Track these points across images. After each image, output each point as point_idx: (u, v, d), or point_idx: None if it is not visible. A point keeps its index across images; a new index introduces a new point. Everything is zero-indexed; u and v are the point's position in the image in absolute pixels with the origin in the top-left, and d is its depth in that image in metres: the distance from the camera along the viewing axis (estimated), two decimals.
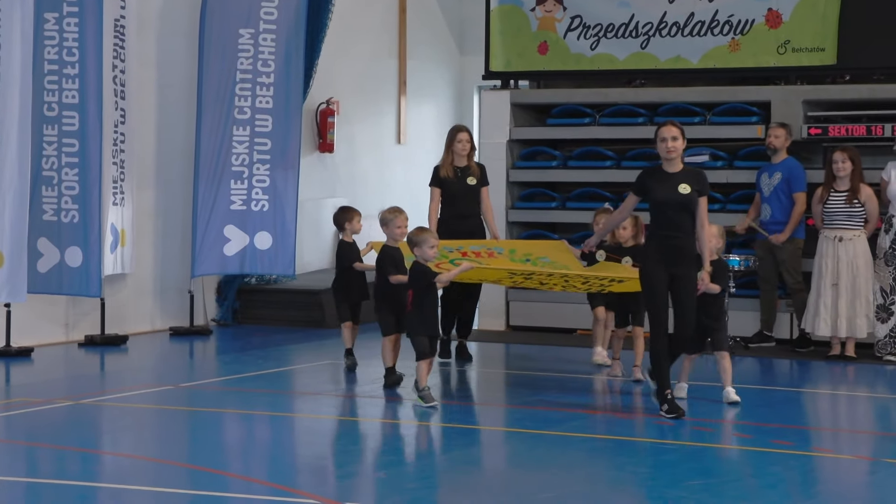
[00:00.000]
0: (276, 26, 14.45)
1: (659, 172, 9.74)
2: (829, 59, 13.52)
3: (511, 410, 10.41)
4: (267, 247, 14.57)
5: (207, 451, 8.88)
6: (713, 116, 14.01)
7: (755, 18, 13.79)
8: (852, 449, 9.05)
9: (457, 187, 12.31)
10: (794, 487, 7.97)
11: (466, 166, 12.36)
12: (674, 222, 9.55)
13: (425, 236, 10.15)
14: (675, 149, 9.66)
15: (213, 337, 14.21)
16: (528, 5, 14.73)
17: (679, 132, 9.72)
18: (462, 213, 12.31)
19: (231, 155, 14.41)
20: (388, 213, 11.01)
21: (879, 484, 8.08)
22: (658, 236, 9.64)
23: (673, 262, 9.53)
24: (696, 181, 9.65)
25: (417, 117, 18.62)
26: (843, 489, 8.06)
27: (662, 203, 9.59)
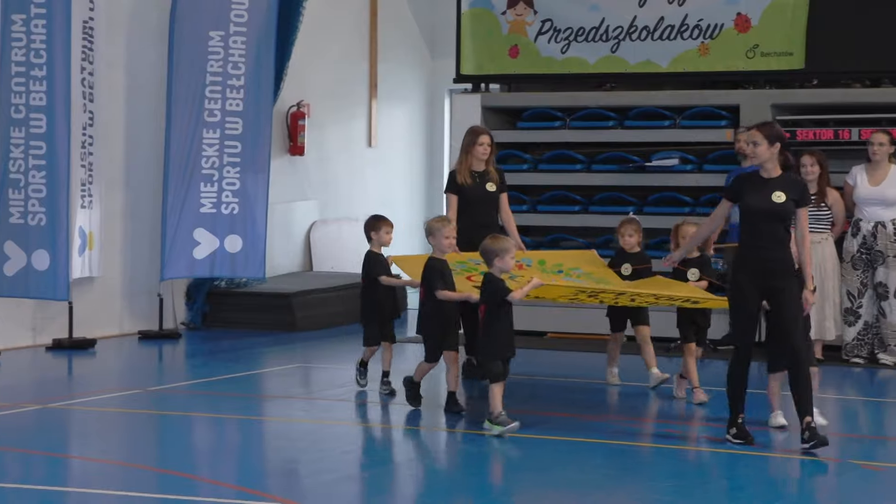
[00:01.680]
0: (246, 29, 14.42)
1: (755, 178, 8.92)
2: (797, 64, 13.58)
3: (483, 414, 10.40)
4: (237, 250, 14.54)
5: (176, 455, 8.85)
6: (683, 120, 14.06)
7: (724, 23, 13.84)
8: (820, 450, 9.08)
9: (475, 194, 11.41)
10: (761, 489, 8.01)
11: (485, 171, 11.48)
12: (764, 233, 8.74)
13: (507, 245, 9.28)
14: (756, 154, 8.88)
15: (183, 340, 14.16)
16: (498, 9, 14.74)
17: (762, 136, 8.82)
18: (482, 222, 11.15)
19: (201, 158, 14.37)
20: (436, 222, 10.07)
21: (846, 485, 8.12)
22: (747, 247, 8.88)
23: (765, 276, 8.74)
24: (793, 189, 8.81)
25: (388, 120, 18.61)
26: (810, 491, 8.11)
27: (752, 211, 8.80)
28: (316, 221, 17.08)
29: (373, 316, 10.81)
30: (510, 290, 9.17)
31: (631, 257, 10.92)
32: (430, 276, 9.79)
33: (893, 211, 12.45)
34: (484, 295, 9.31)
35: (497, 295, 9.18)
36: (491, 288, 9.24)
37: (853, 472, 8.41)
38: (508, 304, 9.22)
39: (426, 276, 9.83)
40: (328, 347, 13.88)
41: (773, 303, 8.78)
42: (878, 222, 12.44)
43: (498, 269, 9.22)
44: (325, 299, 15.44)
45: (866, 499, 7.85)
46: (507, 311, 9.27)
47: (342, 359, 13.24)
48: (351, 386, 11.48)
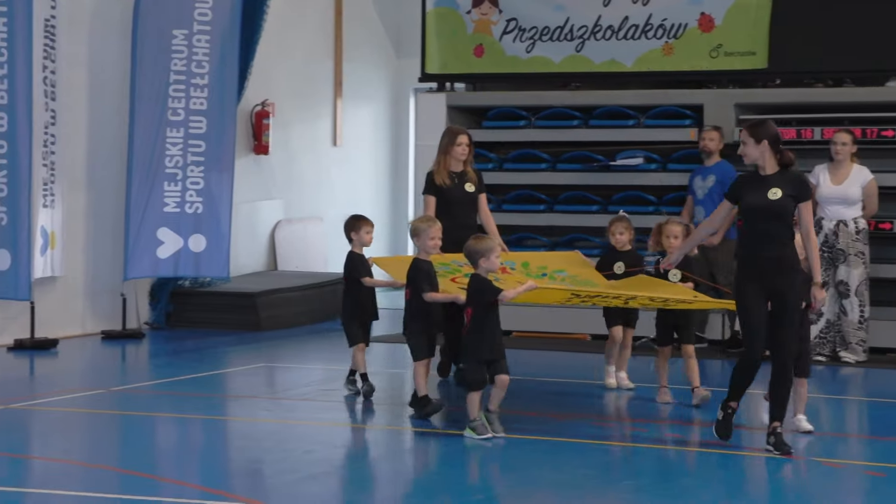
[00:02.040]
0: (210, 27, 14.41)
1: (753, 176, 8.79)
2: (760, 63, 13.65)
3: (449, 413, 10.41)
4: (201, 249, 14.53)
5: (139, 456, 8.82)
6: (647, 119, 14.10)
7: (688, 22, 13.89)
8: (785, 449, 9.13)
9: (454, 195, 11.23)
10: (726, 487, 8.05)
11: (463, 172, 11.32)
12: (762, 232, 8.57)
13: (491, 245, 9.05)
14: (745, 154, 8.77)
15: (146, 340, 14.12)
16: (463, 8, 14.76)
17: (747, 135, 8.72)
18: (462, 223, 10.98)
19: (164, 157, 14.35)
20: (421, 222, 9.89)
21: (809, 483, 8.18)
22: (747, 247, 8.71)
23: (766, 276, 8.54)
24: (791, 185, 8.62)
25: (354, 119, 18.61)
26: (773, 489, 8.16)
27: (749, 210, 8.64)
28: (281, 221, 17.06)
29: (355, 315, 10.70)
30: (500, 290, 8.96)
31: (623, 256, 10.79)
32: (416, 278, 9.64)
33: (855, 210, 12.55)
34: (470, 297, 9.08)
35: (485, 295, 8.94)
36: (479, 289, 9.00)
37: (816, 469, 8.47)
38: (496, 305, 9.01)
39: (412, 278, 9.69)
40: (293, 347, 13.87)
41: (773, 304, 8.59)
42: (840, 221, 12.53)
43: (484, 269, 9.02)
44: (290, 299, 15.43)
45: (827, 495, 7.90)
46: (495, 313, 9.06)
47: (307, 359, 13.25)
48: (315, 385, 11.53)
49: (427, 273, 9.63)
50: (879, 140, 13.13)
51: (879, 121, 13.17)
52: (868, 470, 8.47)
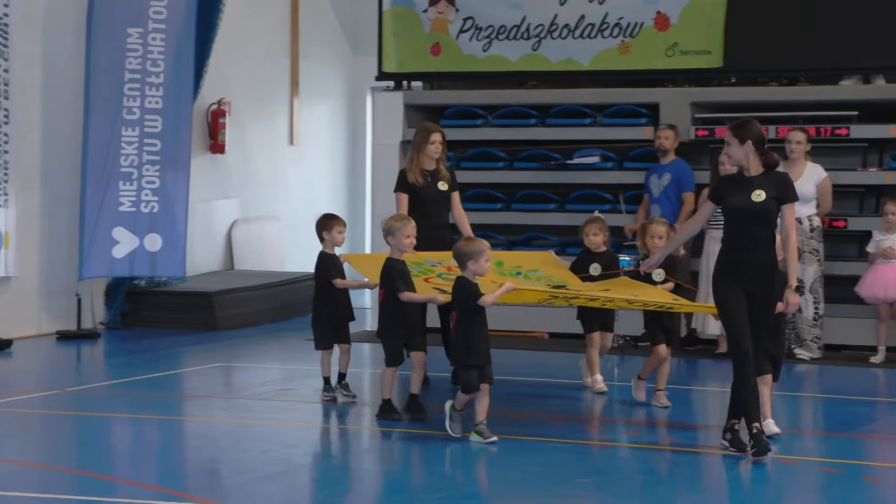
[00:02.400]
0: (165, 26, 14.37)
1: (738, 177, 8.63)
2: (715, 62, 13.72)
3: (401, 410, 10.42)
4: (157, 248, 14.49)
5: (95, 456, 8.80)
6: (603, 118, 14.16)
7: (644, 21, 13.95)
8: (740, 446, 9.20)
9: (427, 193, 10.98)
10: (681, 484, 8.10)
11: (436, 170, 11.07)
12: (745, 233, 8.46)
13: (481, 247, 8.81)
14: (729, 155, 8.69)
15: (102, 340, 14.06)
16: (420, 7, 14.77)
17: (731, 135, 8.60)
18: (435, 222, 10.85)
19: (120, 156, 14.30)
20: (396, 221, 9.61)
21: (764, 479, 8.23)
22: (729, 249, 8.57)
23: (746, 279, 8.44)
24: (775, 187, 8.50)
25: (310, 118, 18.59)
26: (728, 485, 8.21)
27: (733, 211, 8.51)
28: (237, 220, 17.03)
29: (326, 318, 10.38)
30: (480, 294, 8.77)
31: (598, 257, 10.64)
32: (390, 277, 9.42)
33: (809, 207, 12.63)
34: (456, 300, 8.90)
35: (469, 300, 8.78)
36: (463, 293, 8.83)
37: (771, 465, 8.52)
38: (481, 309, 8.82)
39: (386, 277, 9.46)
40: (249, 347, 13.84)
41: (751, 308, 8.45)
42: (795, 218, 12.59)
43: (471, 272, 8.80)
44: (247, 298, 15.40)
45: (783, 492, 7.96)
46: (481, 317, 8.87)
47: (263, 358, 13.23)
48: (272, 385, 11.51)
49: (402, 272, 9.44)
50: (833, 138, 13.23)
51: (833, 119, 13.28)
52: (823, 466, 8.53)
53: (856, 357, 12.47)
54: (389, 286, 9.42)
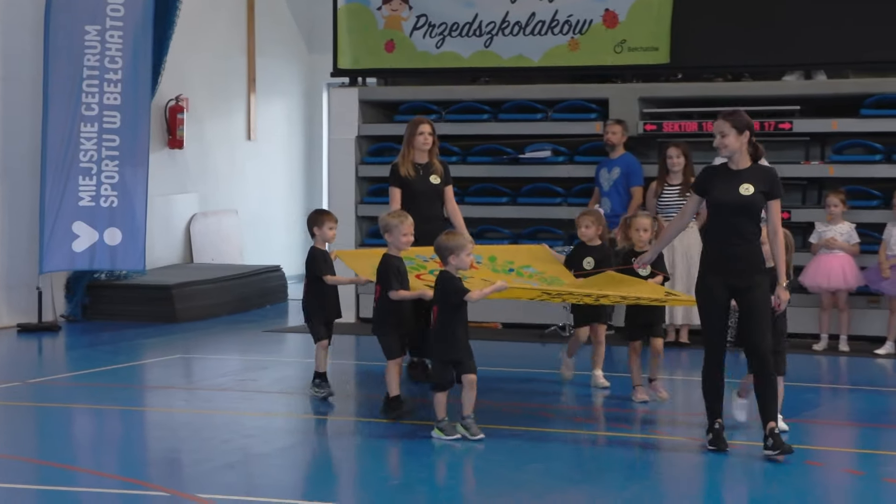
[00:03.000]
0: (123, 23, 14.32)
1: (723, 170, 8.32)
2: (662, 59, 13.76)
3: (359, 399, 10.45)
4: (116, 242, 14.45)
5: (57, 447, 8.79)
6: (554, 113, 14.20)
7: (593, 18, 13.99)
8: (686, 432, 9.27)
9: (419, 187, 10.65)
10: (629, 471, 8.16)
11: (428, 163, 10.76)
12: (731, 228, 8.14)
13: (462, 242, 8.55)
14: (725, 146, 8.24)
15: (62, 333, 14.01)
16: (374, 4, 14.76)
17: (729, 126, 8.21)
18: (428, 216, 10.43)
19: (79, 151, 14.24)
20: (392, 217, 9.29)
21: (709, 465, 8.29)
22: (715, 244, 8.27)
23: (732, 274, 8.16)
24: (763, 181, 8.20)
25: (267, 114, 18.55)
26: (675, 472, 8.27)
27: (719, 205, 8.21)
28: (196, 214, 16.98)
29: (318, 313, 10.12)
30: (466, 291, 8.49)
31: (592, 251, 10.28)
32: (386, 274, 9.15)
33: None
34: (437, 295, 8.63)
35: (454, 296, 8.50)
36: (446, 288, 8.56)
37: (711, 453, 8.58)
38: (464, 304, 8.55)
39: (382, 274, 9.20)
40: (209, 338, 13.82)
41: (740, 303, 8.23)
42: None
43: (453, 267, 8.56)
44: (206, 291, 15.37)
45: (733, 477, 8.02)
46: (463, 312, 8.61)
47: (222, 349, 13.21)
48: (231, 375, 11.51)
49: (398, 270, 9.15)
50: (777, 132, 13.29)
51: (777, 114, 13.33)
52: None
53: (799, 345, 12.56)
54: (385, 283, 9.17)
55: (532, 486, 7.59)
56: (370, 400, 10.18)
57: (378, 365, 10.33)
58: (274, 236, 18.60)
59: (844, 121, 13.23)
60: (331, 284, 10.10)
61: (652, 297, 9.55)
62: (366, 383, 11.32)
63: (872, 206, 12.95)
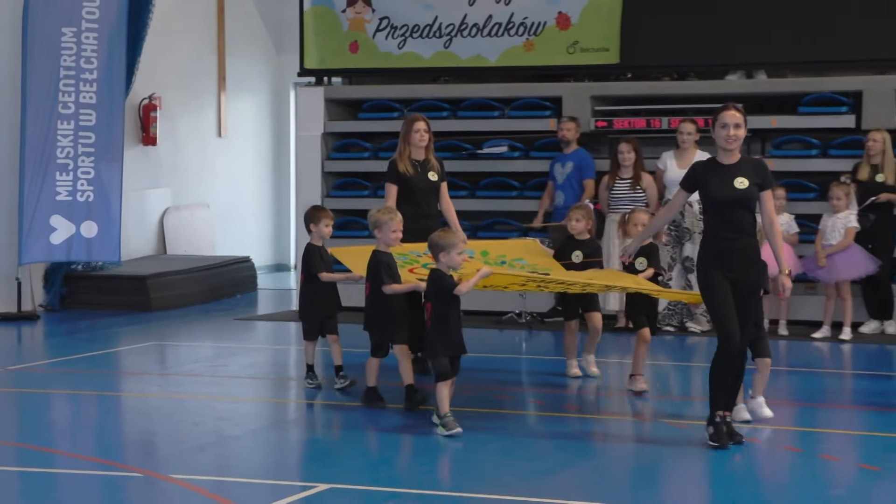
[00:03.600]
0: (98, 25, 14.27)
1: (714, 165, 7.98)
2: (612, 59, 13.80)
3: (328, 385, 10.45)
4: (93, 235, 14.40)
5: (36, 430, 8.77)
6: (510, 111, 14.23)
7: (547, 21, 14.02)
8: (635, 410, 9.35)
9: (417, 183, 10.24)
10: (577, 448, 8.19)
11: (425, 160, 10.35)
12: (730, 221, 7.81)
13: (454, 240, 8.26)
14: (738, 137, 7.90)
15: (41, 322, 13.96)
16: (339, 7, 14.75)
17: (743, 119, 7.93)
18: (424, 212, 10.15)
19: (56, 148, 14.19)
20: (382, 213, 9.01)
21: (656, 441, 8.37)
22: (714, 238, 7.90)
23: (732, 267, 7.82)
24: (755, 173, 7.88)
25: (237, 111, 18.51)
26: (619, 449, 8.34)
27: (716, 200, 7.86)
28: (169, 208, 16.94)
29: (311, 311, 9.84)
30: (455, 285, 8.23)
31: (581, 244, 10.04)
32: (376, 270, 8.88)
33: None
34: (430, 291, 8.37)
35: (444, 292, 8.26)
36: (437, 284, 8.31)
37: (662, 429, 8.66)
38: (456, 299, 8.31)
39: (372, 270, 8.93)
40: (182, 326, 13.80)
41: (739, 295, 7.86)
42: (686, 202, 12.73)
43: (444, 264, 8.28)
44: (179, 281, 15.35)
45: (673, 453, 8.08)
46: (455, 307, 8.35)
47: (195, 336, 13.20)
48: (203, 362, 11.51)
49: (388, 265, 8.89)
50: None
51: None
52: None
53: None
54: (375, 279, 8.91)
55: (484, 464, 7.64)
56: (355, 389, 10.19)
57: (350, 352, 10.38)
58: (244, 229, 18.58)
59: (783, 118, 13.31)
60: (327, 282, 9.78)
61: (636, 287, 9.31)
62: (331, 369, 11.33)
63: (809, 199, 13.05)
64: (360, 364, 9.43)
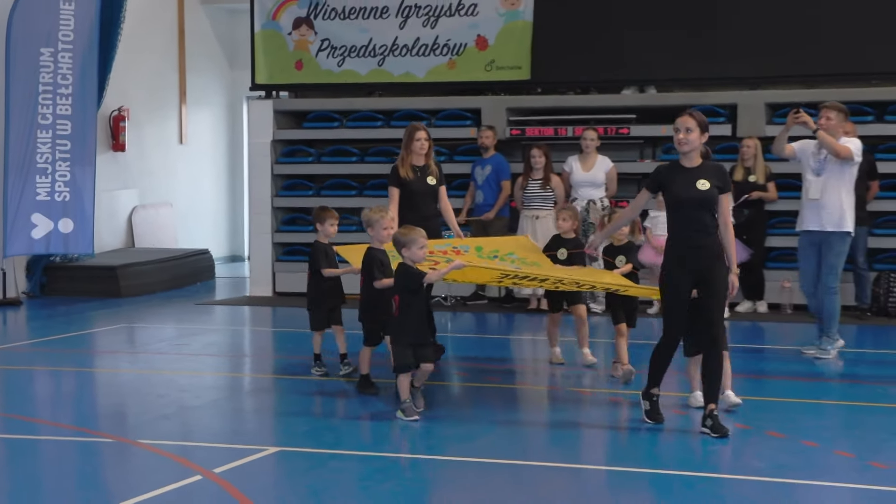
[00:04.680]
0: (72, 46, 14.14)
1: (677, 168, 7.45)
2: (524, 76, 13.87)
3: (278, 361, 10.46)
4: (69, 231, 14.28)
5: (19, 402, 8.71)
6: (437, 120, 14.27)
7: (467, 42, 14.08)
8: (552, 382, 9.41)
9: (417, 187, 9.72)
10: (502, 415, 8.24)
11: (425, 165, 9.82)
12: (693, 222, 7.31)
13: (414, 236, 7.83)
14: (689, 142, 7.35)
15: (24, 307, 13.82)
16: (285, 30, 14.72)
17: (695, 123, 7.37)
18: (424, 213, 9.62)
19: (36, 154, 14.06)
20: (374, 212, 8.57)
21: (563, 410, 8.43)
22: (680, 238, 7.38)
23: (696, 263, 7.32)
24: (716, 177, 7.37)
25: (196, 121, 18.41)
26: (542, 416, 8.39)
27: (679, 201, 7.35)
28: (136, 206, 16.82)
29: (318, 303, 9.31)
30: (423, 275, 7.77)
31: (566, 242, 9.49)
32: (369, 266, 8.44)
33: (601, 191, 12.90)
34: (397, 284, 7.90)
35: (412, 281, 7.78)
36: (404, 277, 7.85)
37: (570, 397, 8.72)
38: (421, 292, 7.83)
39: (366, 266, 8.48)
40: (148, 310, 13.72)
41: (701, 290, 7.36)
42: (590, 200, 12.86)
43: (408, 258, 7.84)
44: (145, 271, 15.26)
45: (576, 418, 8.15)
46: (420, 298, 7.85)
47: (160, 319, 13.13)
48: (168, 341, 11.45)
49: (380, 261, 8.45)
50: (617, 136, 13.49)
51: (617, 121, 13.53)
52: (612, 397, 8.71)
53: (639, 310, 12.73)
54: (368, 273, 8.46)
55: (426, 430, 7.68)
56: (288, 361, 10.20)
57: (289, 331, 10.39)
58: (203, 225, 18.48)
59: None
60: (330, 276, 9.28)
61: (607, 283, 8.80)
62: (283, 347, 11.34)
63: None
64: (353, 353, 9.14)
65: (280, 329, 12.70)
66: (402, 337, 7.83)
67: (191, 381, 9.41)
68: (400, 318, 7.84)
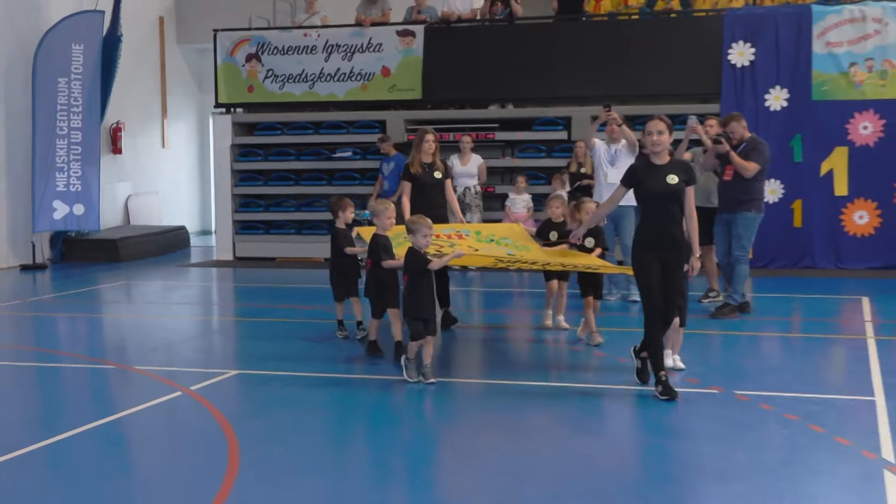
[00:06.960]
0: (82, 76, 13.99)
1: (649, 165, 6.46)
2: (417, 95, 13.89)
3: (238, 308, 10.45)
4: (81, 213, 14.16)
5: (46, 339, 8.66)
6: (354, 129, 14.26)
7: (375, 71, 14.08)
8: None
9: (426, 181, 8.69)
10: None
11: (432, 163, 8.78)
12: (664, 212, 6.33)
13: (420, 225, 6.89)
14: (661, 143, 6.40)
15: (49, 270, 13.65)
16: (240, 63, 14.61)
17: (665, 126, 6.45)
18: (432, 203, 8.60)
19: (56, 157, 13.93)
20: (379, 205, 7.63)
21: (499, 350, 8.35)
22: (650, 226, 6.38)
23: (664, 249, 6.32)
24: (683, 172, 6.42)
25: (175, 131, 18.24)
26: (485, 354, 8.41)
27: (653, 194, 6.36)
28: (131, 195, 16.66)
29: (339, 279, 8.27)
30: (429, 261, 6.86)
31: (556, 226, 8.44)
32: (375, 250, 7.52)
33: (475, 180, 12.95)
34: (406, 265, 6.92)
35: (418, 265, 6.84)
36: (410, 260, 6.91)
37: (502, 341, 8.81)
38: (428, 272, 6.83)
39: (372, 249, 7.55)
40: (141, 271, 13.64)
41: (665, 273, 6.32)
42: (466, 187, 12.94)
43: (415, 244, 6.91)
44: (139, 242, 15.16)
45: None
46: (428, 278, 6.85)
47: (151, 278, 13.07)
48: (156, 293, 11.37)
49: (385, 246, 7.51)
50: (486, 140, 13.55)
51: (485, 128, 13.59)
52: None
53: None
54: (375, 256, 7.52)
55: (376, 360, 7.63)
56: (250, 308, 10.20)
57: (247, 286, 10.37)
58: (181, 208, 18.37)
59: (525, 133, 13.51)
60: (349, 255, 8.21)
61: (586, 263, 7.79)
62: (244, 296, 11.34)
63: (541, 184, 13.28)
64: None
65: (239, 284, 12.72)
66: (415, 312, 6.80)
67: (175, 324, 9.36)
68: (411, 297, 6.82)
